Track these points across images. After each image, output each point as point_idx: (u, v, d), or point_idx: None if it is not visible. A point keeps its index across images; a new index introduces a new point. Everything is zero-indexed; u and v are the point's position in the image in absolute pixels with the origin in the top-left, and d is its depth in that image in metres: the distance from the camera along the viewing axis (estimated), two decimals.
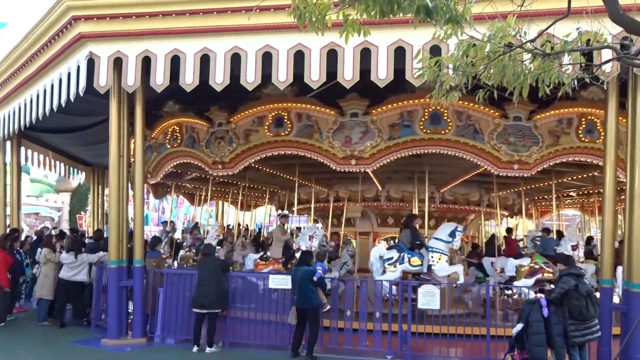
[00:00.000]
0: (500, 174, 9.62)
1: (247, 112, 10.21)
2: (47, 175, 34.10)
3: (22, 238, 13.70)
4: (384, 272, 9.63)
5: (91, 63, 8.35)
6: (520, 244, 13.81)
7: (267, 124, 10.02)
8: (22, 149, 14.21)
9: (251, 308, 8.87)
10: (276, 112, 9.95)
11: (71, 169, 18.35)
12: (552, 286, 7.88)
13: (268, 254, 11.22)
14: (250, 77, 7.73)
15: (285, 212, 15.37)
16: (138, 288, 8.94)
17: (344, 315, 8.68)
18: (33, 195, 35.11)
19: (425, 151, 9.46)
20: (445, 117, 9.33)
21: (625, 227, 7.65)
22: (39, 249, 11.15)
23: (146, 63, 8.21)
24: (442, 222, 12.72)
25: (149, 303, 9.10)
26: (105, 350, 8.44)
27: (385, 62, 7.35)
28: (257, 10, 7.12)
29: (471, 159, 9.44)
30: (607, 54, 6.15)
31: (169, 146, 11.56)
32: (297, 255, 10.06)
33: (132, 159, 10.21)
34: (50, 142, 15.15)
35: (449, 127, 9.33)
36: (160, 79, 8.08)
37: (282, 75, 7.61)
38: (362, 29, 3.78)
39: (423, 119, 9.37)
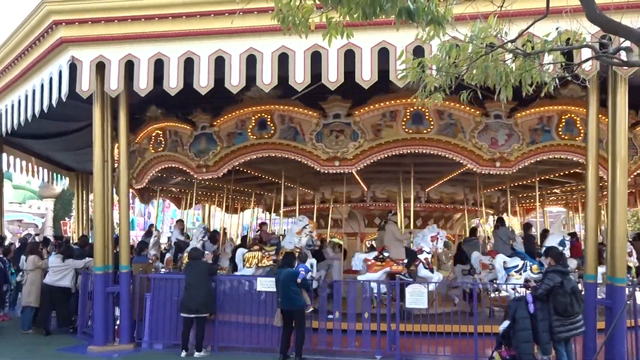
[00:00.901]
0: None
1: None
2: (29, 182, 33.65)
3: (6, 245, 13.52)
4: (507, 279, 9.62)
5: (73, 68, 8.27)
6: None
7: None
8: (4, 155, 14.04)
9: (240, 311, 8.84)
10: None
11: (54, 174, 18.15)
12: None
13: (385, 254, 10.18)
14: (235, 80, 7.72)
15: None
16: (125, 294, 8.87)
17: (333, 317, 8.69)
18: (16, 202, 34.60)
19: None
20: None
21: (608, 223, 7.76)
22: (23, 256, 11.01)
23: (129, 67, 8.15)
24: (428, 221, 12.87)
25: (136, 308, 9.03)
26: (92, 357, 8.37)
27: (369, 64, 7.38)
28: (241, 14, 7.11)
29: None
30: (586, 53, 6.25)
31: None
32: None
33: (117, 164, 10.14)
34: (33, 147, 14.97)
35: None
36: (143, 83, 8.03)
37: (267, 77, 7.61)
38: (345, 31, 3.80)
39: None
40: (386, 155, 9.60)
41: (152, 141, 11.44)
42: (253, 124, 10.00)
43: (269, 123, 9.91)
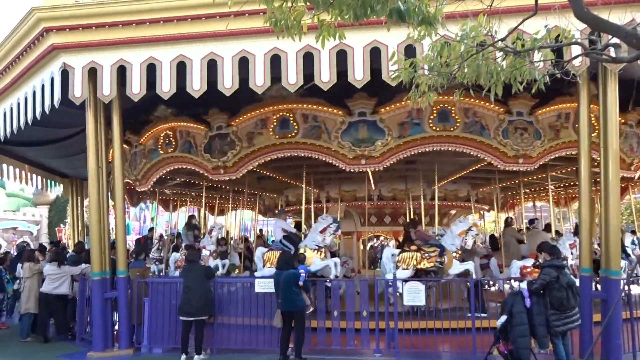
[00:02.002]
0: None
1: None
2: (23, 189, 33.49)
3: (1, 253, 13.49)
4: None
5: (65, 74, 8.25)
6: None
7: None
8: None
9: (238, 313, 8.85)
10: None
11: (48, 181, 18.06)
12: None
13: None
14: (228, 82, 7.73)
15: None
16: (123, 299, 8.87)
17: (331, 316, 8.72)
18: (10, 210, 34.45)
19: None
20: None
21: (602, 217, 7.83)
22: (19, 264, 10.98)
23: (122, 72, 8.15)
24: (432, 219, 12.94)
25: (134, 313, 9.02)
26: None
27: (361, 63, 7.41)
28: (232, 16, 7.12)
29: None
30: (576, 50, 6.31)
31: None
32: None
33: (111, 169, 10.11)
34: (26, 155, 14.90)
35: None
36: (136, 87, 8.02)
37: (260, 79, 7.63)
38: (337, 32, 3.83)
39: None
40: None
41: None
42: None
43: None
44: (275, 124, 9.85)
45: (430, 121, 9.46)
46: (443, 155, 9.97)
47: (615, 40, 3.92)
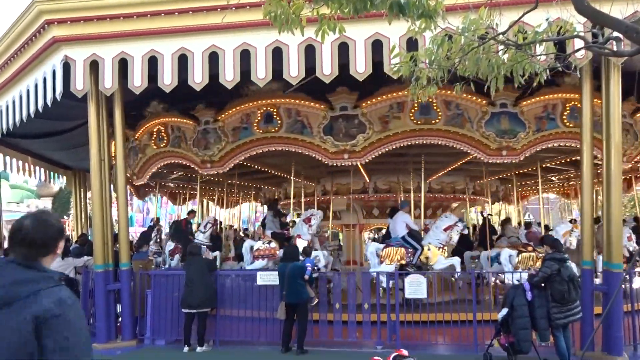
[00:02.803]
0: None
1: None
2: (27, 181, 33.64)
3: (5, 246, 13.53)
4: None
5: (67, 67, 8.25)
6: None
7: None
8: (0, 155, 14.01)
9: (240, 306, 8.90)
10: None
11: (51, 173, 18.10)
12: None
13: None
14: (229, 75, 7.72)
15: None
16: (126, 291, 8.92)
17: (333, 308, 8.76)
18: (14, 202, 34.64)
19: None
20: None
21: (604, 209, 7.82)
22: None
23: (123, 65, 8.14)
24: (427, 210, 12.93)
25: (137, 305, 9.08)
26: (96, 354, 8.20)
27: (363, 56, 7.38)
28: (233, 9, 7.10)
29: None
30: (578, 43, 6.26)
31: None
32: None
33: (114, 162, 10.14)
34: (29, 147, 14.93)
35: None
36: (138, 80, 8.01)
37: (261, 72, 7.61)
38: (337, 26, 3.81)
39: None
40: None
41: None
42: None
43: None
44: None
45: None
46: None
47: (617, 33, 3.89)
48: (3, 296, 2.03)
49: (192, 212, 14.79)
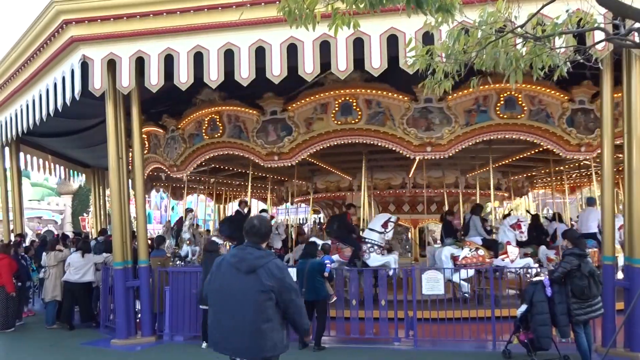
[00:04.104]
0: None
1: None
2: (47, 179, 34.13)
3: (27, 243, 13.77)
4: None
5: (85, 66, 8.34)
6: None
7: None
8: (21, 154, 14.25)
9: None
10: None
11: (71, 171, 18.40)
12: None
13: None
14: (245, 72, 7.73)
15: None
16: (144, 288, 9.01)
17: (350, 304, 8.74)
18: (35, 199, 35.18)
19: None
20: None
21: (625, 204, 7.67)
22: (44, 253, 11.22)
23: (140, 63, 8.20)
24: (417, 206, 12.98)
25: (156, 302, 9.17)
26: (116, 350, 8.52)
27: (378, 51, 7.34)
28: (249, 6, 7.11)
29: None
30: (598, 35, 6.15)
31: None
32: None
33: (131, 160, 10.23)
34: (48, 145, 15.18)
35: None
36: (154, 79, 8.08)
37: (276, 69, 7.61)
38: (351, 21, 3.78)
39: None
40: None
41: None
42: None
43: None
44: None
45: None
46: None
47: (639, 24, 3.80)
48: (251, 265, 3.58)
49: (243, 202, 14.23)
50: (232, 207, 21.82)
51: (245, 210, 12.19)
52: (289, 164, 10.32)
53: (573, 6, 3.93)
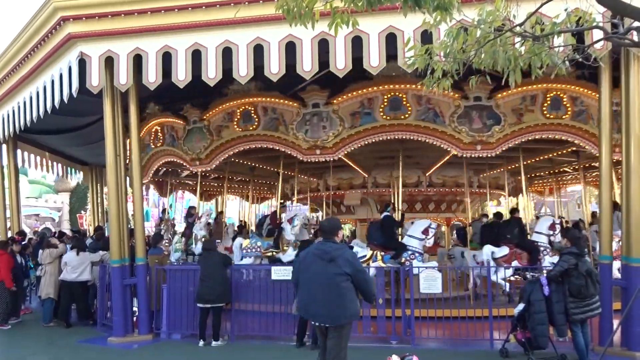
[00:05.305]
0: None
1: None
2: (45, 176, 34.08)
3: (26, 240, 13.72)
4: None
5: (82, 63, 8.31)
6: None
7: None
8: (19, 151, 14.20)
9: (255, 300, 8.92)
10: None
11: (69, 169, 18.36)
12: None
13: None
14: (243, 70, 7.71)
15: None
16: (142, 286, 8.99)
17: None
18: (32, 197, 35.12)
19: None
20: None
21: (623, 202, 7.67)
22: (41, 251, 11.19)
23: (138, 61, 8.17)
24: (428, 206, 12.89)
25: (153, 300, 9.15)
26: (113, 348, 8.51)
27: (377, 50, 7.32)
28: (246, 3, 7.08)
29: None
30: (597, 34, 6.14)
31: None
32: None
33: (129, 157, 10.22)
34: (46, 143, 15.14)
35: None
36: (152, 76, 8.04)
37: (275, 67, 7.59)
38: (350, 19, 3.77)
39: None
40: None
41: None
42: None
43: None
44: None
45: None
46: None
47: (637, 23, 3.79)
48: (332, 256, 4.81)
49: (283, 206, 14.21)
50: (231, 206, 21.82)
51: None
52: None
53: (572, 5, 3.92)
